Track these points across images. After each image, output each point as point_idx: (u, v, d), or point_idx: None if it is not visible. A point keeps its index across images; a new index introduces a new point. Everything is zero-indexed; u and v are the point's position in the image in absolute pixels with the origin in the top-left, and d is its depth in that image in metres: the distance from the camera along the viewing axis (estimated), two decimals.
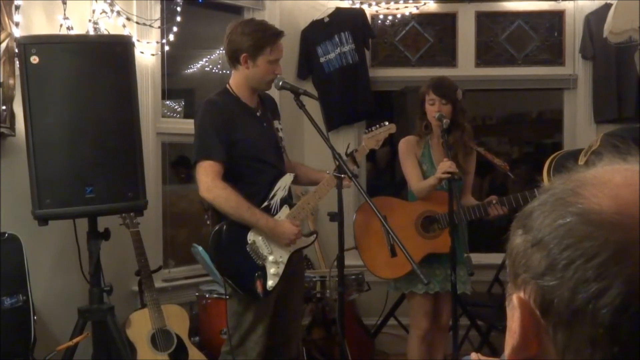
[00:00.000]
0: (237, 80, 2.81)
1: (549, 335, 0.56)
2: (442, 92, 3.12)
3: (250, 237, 2.75)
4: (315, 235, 2.87)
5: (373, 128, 3.05)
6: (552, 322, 0.55)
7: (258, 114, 2.85)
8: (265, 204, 2.77)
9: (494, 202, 3.06)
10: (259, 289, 2.69)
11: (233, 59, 2.77)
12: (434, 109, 3.12)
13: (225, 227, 2.72)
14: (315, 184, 2.91)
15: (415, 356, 3.23)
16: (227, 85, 2.84)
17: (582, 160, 1.28)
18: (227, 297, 2.92)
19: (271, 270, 2.73)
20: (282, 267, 2.75)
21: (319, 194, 2.84)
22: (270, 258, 2.74)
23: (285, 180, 2.81)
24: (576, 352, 0.54)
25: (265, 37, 2.71)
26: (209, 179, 2.66)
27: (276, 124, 2.91)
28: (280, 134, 2.91)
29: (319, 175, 2.94)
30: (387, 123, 3.07)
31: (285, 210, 2.79)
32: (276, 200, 2.77)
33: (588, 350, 0.53)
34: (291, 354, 2.92)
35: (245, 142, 2.75)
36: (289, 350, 2.91)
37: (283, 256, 2.77)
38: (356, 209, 3.41)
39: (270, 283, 2.72)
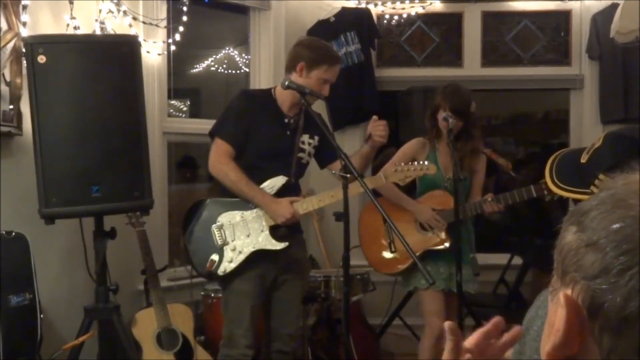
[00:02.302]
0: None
1: (593, 336, 0.55)
2: (459, 112, 3.12)
3: (221, 219, 2.84)
4: (285, 244, 2.83)
5: (411, 164, 2.94)
6: (599, 325, 0.54)
7: (286, 120, 2.89)
8: None
9: (490, 199, 3.12)
10: (207, 267, 2.80)
11: (290, 66, 2.89)
12: (446, 123, 3.11)
13: (204, 201, 2.89)
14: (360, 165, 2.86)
15: (426, 356, 3.22)
16: (273, 88, 2.98)
17: (584, 158, 1.27)
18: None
19: (227, 256, 2.80)
20: (240, 257, 2.79)
21: (305, 206, 2.81)
22: (231, 245, 2.81)
23: (276, 181, 2.83)
24: (621, 357, 0.53)
25: (326, 55, 2.86)
26: (216, 156, 2.82)
27: (305, 137, 2.93)
28: (306, 147, 2.93)
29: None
30: (426, 162, 2.95)
31: None
32: None
33: (635, 357, 0.52)
34: (286, 354, 2.95)
35: (257, 136, 2.83)
36: (281, 349, 2.94)
37: (245, 249, 2.80)
38: (362, 208, 3.46)
39: (222, 268, 2.79)
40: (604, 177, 1.18)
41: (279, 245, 2.83)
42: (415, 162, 2.97)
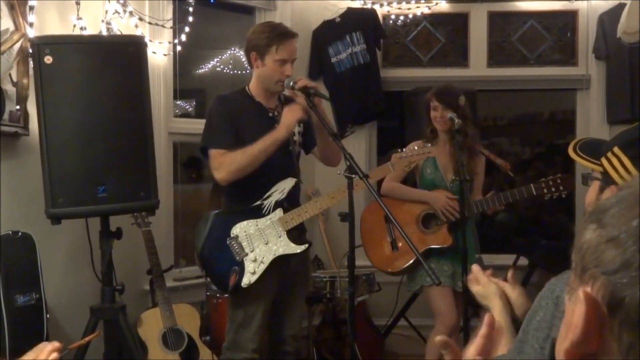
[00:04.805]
0: (253, 81, 2.88)
1: (613, 333, 0.54)
2: (444, 99, 3.24)
3: (235, 231, 2.76)
4: (306, 246, 2.80)
5: (413, 148, 2.95)
6: (619, 320, 0.54)
7: (271, 114, 2.85)
8: (258, 202, 2.77)
9: (491, 196, 3.20)
10: (231, 282, 2.70)
11: (249, 61, 2.84)
12: (437, 114, 3.25)
13: (213, 216, 2.80)
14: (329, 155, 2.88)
15: (434, 353, 3.22)
16: (246, 86, 2.90)
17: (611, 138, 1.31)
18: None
19: (249, 267, 2.72)
20: (262, 267, 2.72)
21: (320, 204, 2.81)
22: (251, 256, 2.73)
23: (285, 184, 2.79)
24: None
25: (271, 36, 2.74)
26: (216, 163, 2.72)
27: (297, 128, 2.88)
28: (297, 137, 2.90)
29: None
30: (429, 145, 3.00)
31: (279, 212, 2.77)
32: (270, 201, 2.77)
33: None
34: (288, 355, 2.93)
35: (249, 138, 2.75)
36: (285, 352, 2.92)
37: (265, 257, 2.74)
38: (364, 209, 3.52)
39: (245, 281, 2.71)
40: (618, 150, 1.19)
41: (299, 249, 2.78)
42: (416, 147, 2.98)
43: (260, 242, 2.75)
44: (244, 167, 2.68)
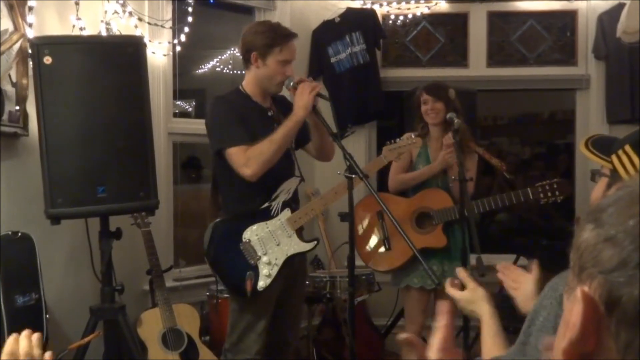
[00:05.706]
0: (249, 80, 2.82)
1: (610, 331, 0.55)
2: (433, 91, 3.27)
3: (246, 235, 2.74)
4: (315, 242, 2.81)
5: (397, 140, 3.00)
6: (616, 319, 0.54)
7: (269, 114, 2.84)
8: (266, 204, 2.75)
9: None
10: (248, 288, 2.67)
11: (245, 58, 2.79)
12: (428, 107, 3.28)
13: (221, 222, 2.76)
14: (321, 151, 2.89)
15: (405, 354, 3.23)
16: (240, 86, 2.86)
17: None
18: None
19: (264, 271, 2.71)
20: (275, 269, 2.71)
21: (325, 201, 2.82)
22: (264, 259, 2.72)
23: (290, 184, 2.78)
24: (639, 351, 0.53)
25: (275, 36, 2.72)
26: (242, 160, 2.62)
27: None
28: None
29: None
30: (413, 136, 3.04)
31: (287, 213, 2.76)
32: (278, 202, 2.76)
33: None
34: (287, 354, 2.93)
35: (254, 137, 2.71)
36: (284, 351, 2.91)
37: (278, 258, 2.73)
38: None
39: (261, 284, 2.69)
40: (629, 149, 1.19)
41: (309, 246, 2.79)
42: (404, 137, 3.02)
43: (272, 244, 2.74)
44: (272, 157, 2.62)
